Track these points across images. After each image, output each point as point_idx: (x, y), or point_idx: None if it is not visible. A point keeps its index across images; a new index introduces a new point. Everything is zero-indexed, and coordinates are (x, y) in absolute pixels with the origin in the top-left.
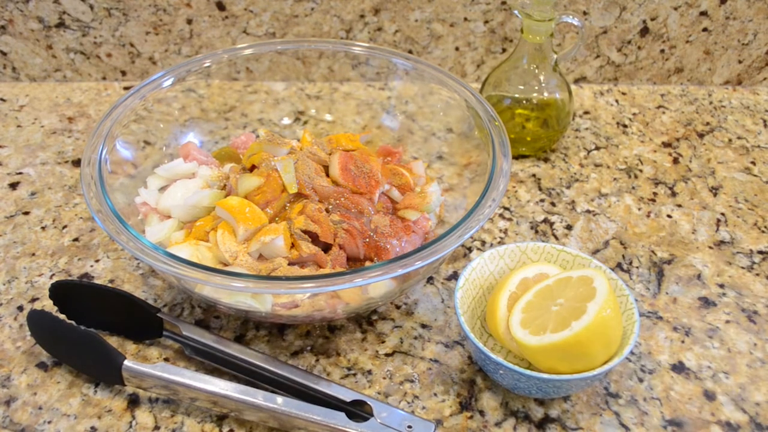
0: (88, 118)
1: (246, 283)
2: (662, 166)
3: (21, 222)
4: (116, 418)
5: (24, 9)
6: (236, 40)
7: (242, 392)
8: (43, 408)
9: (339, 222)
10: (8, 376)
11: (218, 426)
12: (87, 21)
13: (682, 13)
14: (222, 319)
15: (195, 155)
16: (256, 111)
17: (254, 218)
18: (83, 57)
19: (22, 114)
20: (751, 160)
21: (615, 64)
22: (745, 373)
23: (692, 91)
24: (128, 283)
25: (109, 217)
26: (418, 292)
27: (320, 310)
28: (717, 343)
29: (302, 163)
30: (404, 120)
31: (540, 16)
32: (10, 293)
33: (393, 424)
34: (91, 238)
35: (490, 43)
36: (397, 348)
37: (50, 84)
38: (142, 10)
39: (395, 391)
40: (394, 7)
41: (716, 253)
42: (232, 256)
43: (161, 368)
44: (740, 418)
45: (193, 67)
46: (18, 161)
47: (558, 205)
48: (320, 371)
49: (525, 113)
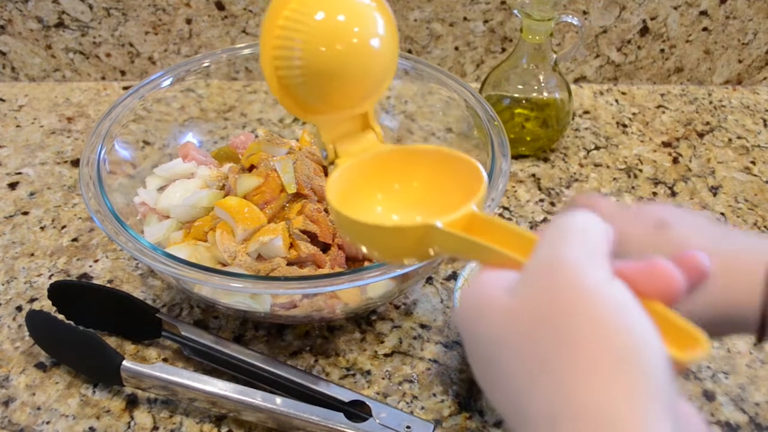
0: (87, 118)
1: (245, 283)
2: (662, 166)
3: (20, 222)
4: (115, 419)
5: (23, 9)
6: (236, 39)
7: (241, 392)
8: (41, 408)
9: None
10: (7, 376)
11: (217, 426)
12: (86, 21)
13: (682, 13)
14: (221, 319)
15: (194, 155)
16: (255, 111)
17: (253, 218)
18: (82, 57)
19: (21, 114)
20: (751, 160)
21: (615, 63)
22: (745, 374)
23: (692, 90)
24: (127, 283)
25: (107, 218)
26: (417, 292)
27: (319, 311)
28: (716, 343)
29: (301, 163)
30: (403, 120)
31: (539, 15)
32: (9, 293)
33: (392, 425)
34: (90, 239)
35: (489, 43)
36: (396, 348)
37: (49, 84)
38: (141, 10)
39: (394, 391)
40: (394, 6)
41: None
42: (230, 256)
43: (160, 368)
44: (740, 418)
45: (192, 67)
46: (17, 161)
47: (558, 205)
48: (319, 371)
49: (524, 113)
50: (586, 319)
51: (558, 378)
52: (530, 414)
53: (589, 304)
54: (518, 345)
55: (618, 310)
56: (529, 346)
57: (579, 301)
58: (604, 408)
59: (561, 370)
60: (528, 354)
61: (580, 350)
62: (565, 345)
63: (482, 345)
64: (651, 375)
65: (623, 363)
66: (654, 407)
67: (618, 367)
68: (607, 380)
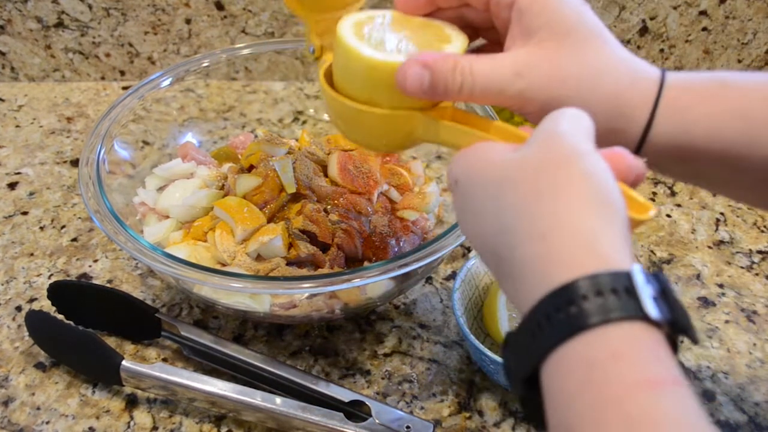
0: (86, 118)
1: (244, 283)
2: None
3: (19, 222)
4: (114, 419)
5: (23, 9)
6: (235, 39)
7: (240, 392)
8: (41, 408)
9: (337, 222)
10: (6, 376)
11: (216, 426)
12: (86, 21)
13: (681, 13)
14: (220, 319)
15: (193, 155)
16: (254, 111)
17: (252, 218)
18: (82, 57)
19: (21, 114)
20: None
21: None
22: (745, 374)
23: None
24: (126, 283)
25: (107, 218)
26: (416, 292)
27: (319, 311)
28: (716, 343)
29: (300, 163)
30: None
31: None
32: (9, 293)
33: (391, 425)
34: (90, 239)
35: None
36: (395, 348)
37: (49, 84)
38: (140, 10)
39: (394, 391)
40: (393, 6)
41: (715, 253)
42: (230, 256)
43: (159, 368)
44: (739, 418)
45: (191, 67)
46: (17, 161)
47: None
48: (319, 371)
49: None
50: (579, 171)
51: (554, 206)
52: (524, 235)
53: (582, 163)
54: (521, 184)
55: (601, 172)
56: (529, 184)
57: (575, 159)
58: (588, 229)
59: (557, 201)
60: (529, 189)
61: (573, 190)
62: (562, 185)
63: (480, 188)
64: (621, 218)
65: (603, 205)
66: (622, 241)
67: (600, 206)
68: (592, 213)
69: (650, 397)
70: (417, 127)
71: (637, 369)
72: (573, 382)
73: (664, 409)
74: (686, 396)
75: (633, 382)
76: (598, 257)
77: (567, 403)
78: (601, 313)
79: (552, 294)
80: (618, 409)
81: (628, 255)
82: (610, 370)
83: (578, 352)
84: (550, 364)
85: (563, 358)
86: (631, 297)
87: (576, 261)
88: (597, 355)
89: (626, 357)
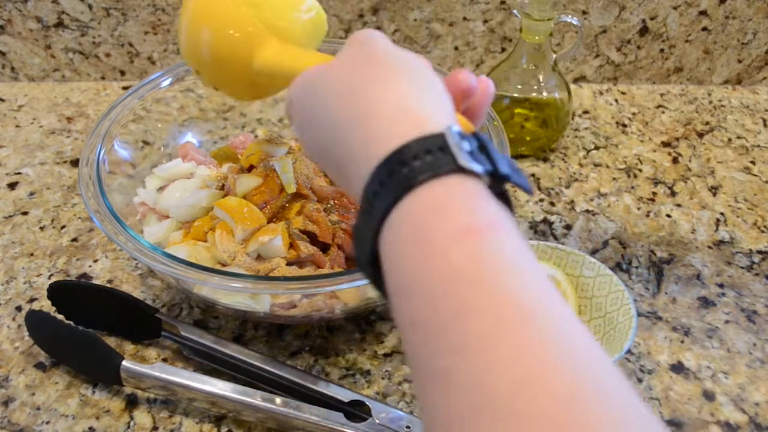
0: (86, 118)
1: (244, 283)
2: (662, 166)
3: (19, 222)
4: (114, 419)
5: (23, 9)
6: None
7: (240, 392)
8: (41, 408)
9: (337, 222)
10: (6, 376)
11: (216, 426)
12: (86, 21)
13: (681, 13)
14: (220, 319)
15: (193, 155)
16: (254, 111)
17: (252, 218)
18: (82, 57)
19: (21, 114)
20: (751, 160)
21: (614, 63)
22: (745, 373)
23: (692, 90)
24: (127, 283)
25: (107, 218)
26: None
27: (319, 311)
28: (716, 343)
29: (301, 163)
30: None
31: (539, 15)
32: (9, 293)
33: (391, 425)
34: (90, 239)
35: (489, 43)
36: (395, 348)
37: (49, 84)
38: (140, 10)
39: (394, 391)
40: (393, 6)
41: (716, 253)
42: (230, 257)
43: (159, 368)
44: (739, 418)
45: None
46: (16, 161)
47: (557, 205)
48: (319, 371)
49: (524, 113)
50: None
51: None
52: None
53: (397, 52)
54: (341, 82)
55: (415, 60)
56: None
57: (391, 51)
58: (405, 101)
59: (375, 85)
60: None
61: (391, 74)
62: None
63: (311, 98)
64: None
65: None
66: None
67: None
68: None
69: (471, 243)
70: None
71: (456, 218)
72: (403, 242)
73: (486, 254)
74: (507, 239)
75: (453, 231)
76: (417, 124)
77: (399, 264)
78: (421, 172)
79: (373, 173)
80: (444, 260)
81: (449, 117)
82: (434, 223)
83: (405, 215)
84: (384, 235)
85: (394, 225)
86: (446, 153)
87: (395, 132)
88: (421, 211)
89: (445, 208)
